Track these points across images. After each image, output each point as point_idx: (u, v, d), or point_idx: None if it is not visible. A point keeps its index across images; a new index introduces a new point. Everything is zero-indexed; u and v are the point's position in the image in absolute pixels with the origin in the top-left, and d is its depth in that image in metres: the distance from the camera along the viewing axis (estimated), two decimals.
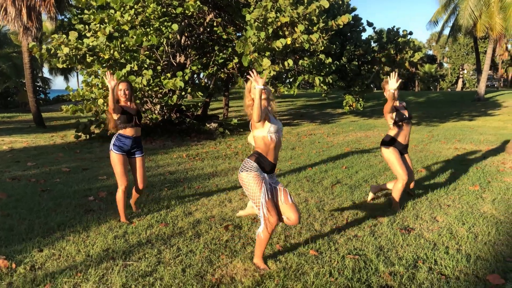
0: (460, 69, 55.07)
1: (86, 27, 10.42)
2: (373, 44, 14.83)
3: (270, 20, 9.20)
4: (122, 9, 9.81)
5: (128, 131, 4.09)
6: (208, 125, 11.99)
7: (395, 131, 4.41)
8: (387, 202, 4.67)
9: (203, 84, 13.43)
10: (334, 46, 12.04)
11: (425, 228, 3.81)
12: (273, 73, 9.49)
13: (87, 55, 9.57)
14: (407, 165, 4.47)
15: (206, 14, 11.30)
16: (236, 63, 11.80)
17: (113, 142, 4.07)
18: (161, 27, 10.07)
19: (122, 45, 9.65)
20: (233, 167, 6.88)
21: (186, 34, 11.80)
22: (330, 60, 11.01)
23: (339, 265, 3.04)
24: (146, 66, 10.07)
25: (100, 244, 3.49)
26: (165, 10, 10.00)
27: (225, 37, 11.40)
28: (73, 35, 9.61)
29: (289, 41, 9.33)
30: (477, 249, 3.32)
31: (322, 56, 10.92)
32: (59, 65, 9.65)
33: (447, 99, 24.99)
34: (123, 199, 4.09)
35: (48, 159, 7.94)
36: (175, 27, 9.73)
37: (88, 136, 10.90)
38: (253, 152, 2.99)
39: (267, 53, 9.52)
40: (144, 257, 3.23)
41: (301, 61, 10.81)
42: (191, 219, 4.16)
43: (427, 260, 3.13)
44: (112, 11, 10.13)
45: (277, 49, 9.38)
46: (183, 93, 11.05)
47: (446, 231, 3.72)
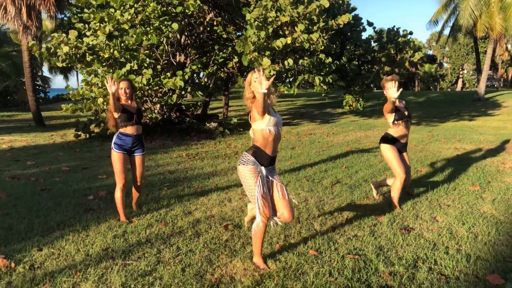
0: (460, 69, 55.09)
1: (86, 26, 10.42)
2: (373, 44, 14.83)
3: (270, 19, 9.20)
4: (122, 8, 9.81)
5: (129, 130, 4.10)
6: (208, 125, 11.99)
7: (394, 130, 4.44)
8: (387, 202, 4.67)
9: (203, 84, 13.43)
10: (334, 45, 12.04)
11: (425, 228, 3.81)
12: (273, 72, 9.48)
13: (87, 54, 9.57)
14: (405, 163, 4.49)
15: (206, 13, 11.30)
16: (236, 62, 11.80)
17: (114, 140, 4.09)
18: (161, 26, 10.06)
19: (122, 44, 9.64)
20: (232, 167, 6.88)
21: (186, 33, 11.79)
22: (330, 59, 11.00)
23: (339, 265, 3.04)
24: (146, 65, 10.07)
25: (99, 243, 3.48)
26: (165, 9, 10.00)
27: (225, 36, 11.39)
28: (73, 34, 9.60)
29: (289, 40, 9.32)
30: (477, 249, 3.32)
31: (322, 56, 10.92)
32: (59, 64, 9.64)
33: (447, 99, 24.99)
34: (122, 197, 4.09)
35: (48, 158, 7.94)
36: (175, 26, 9.73)
37: (87, 135, 10.89)
38: (251, 146, 3.03)
39: (267, 53, 9.52)
40: (143, 256, 3.23)
41: (301, 61, 10.81)
42: (190, 218, 4.15)
43: (427, 260, 3.13)
44: (112, 10, 10.13)
45: (277, 48, 9.38)
46: (183, 92, 11.05)
47: (446, 231, 3.71)
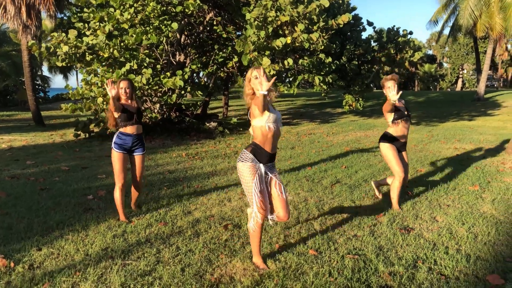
0: (460, 69, 55.10)
1: (86, 25, 10.41)
2: (373, 44, 14.84)
3: (270, 19, 9.19)
4: (122, 7, 9.80)
5: (129, 129, 4.11)
6: (208, 124, 11.98)
7: (393, 129, 4.46)
8: (386, 201, 4.66)
9: (202, 83, 13.43)
10: (334, 45, 12.04)
11: (425, 228, 3.81)
12: (272, 72, 9.48)
13: (86, 53, 9.57)
14: (404, 162, 4.51)
15: (206, 13, 11.29)
16: (235, 62, 11.79)
17: (114, 140, 4.10)
18: (160, 25, 10.06)
19: (122, 44, 9.64)
20: (232, 166, 6.88)
21: (186, 33, 11.78)
22: (330, 59, 11.00)
23: (338, 265, 3.04)
24: (145, 64, 10.06)
25: (99, 243, 3.48)
26: (164, 8, 9.99)
27: (225, 36, 11.39)
28: (72, 33, 9.59)
29: (289, 40, 9.32)
30: (476, 249, 3.31)
31: (322, 56, 10.91)
32: (58, 64, 9.64)
33: (447, 99, 24.99)
34: (121, 197, 4.09)
35: (47, 157, 7.93)
36: (174, 25, 9.72)
37: (87, 135, 10.88)
38: (250, 143, 3.04)
39: (267, 52, 9.51)
40: (143, 256, 3.23)
41: (301, 60, 10.80)
42: (190, 218, 4.15)
43: (426, 260, 3.13)
44: (111, 9, 10.12)
45: (277, 48, 9.37)
46: (182, 92, 11.04)
47: (445, 231, 3.71)
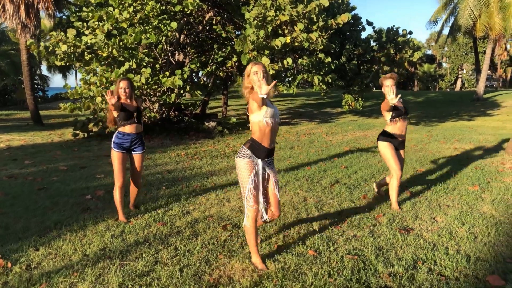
0: (459, 69, 55.11)
1: (85, 24, 10.38)
2: (373, 43, 14.83)
3: (269, 18, 9.17)
4: (121, 6, 9.78)
5: (127, 128, 4.10)
6: (207, 124, 11.96)
7: (391, 127, 4.48)
8: (386, 202, 4.65)
9: (202, 83, 13.41)
10: (334, 45, 12.03)
11: (425, 229, 3.79)
12: (272, 71, 9.45)
13: (85, 52, 9.54)
14: (401, 159, 4.55)
15: (205, 12, 11.27)
16: (235, 61, 11.77)
17: (113, 139, 4.11)
18: (160, 25, 10.03)
19: (121, 43, 9.61)
20: (231, 166, 6.85)
21: (185, 32, 11.76)
22: (329, 59, 10.98)
23: (338, 266, 3.02)
24: (144, 64, 10.04)
25: (97, 243, 3.46)
26: (164, 8, 9.96)
27: (224, 36, 11.36)
28: (71, 32, 9.56)
29: (288, 39, 9.30)
30: (477, 249, 3.30)
31: (322, 55, 10.89)
32: (57, 63, 9.61)
33: (446, 99, 24.99)
34: (120, 197, 4.08)
35: (46, 157, 7.90)
36: (174, 25, 9.69)
37: (86, 134, 10.86)
38: (248, 139, 3.05)
39: (266, 52, 9.49)
40: (141, 256, 3.21)
41: (300, 60, 10.78)
42: (189, 218, 4.13)
43: (426, 260, 3.11)
44: (110, 8, 10.09)
45: (276, 47, 9.35)
46: (181, 91, 11.02)
47: (445, 231, 3.69)
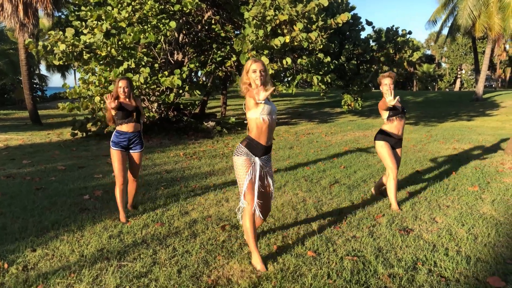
0: (458, 69, 55.15)
1: (83, 24, 10.34)
2: (372, 43, 14.83)
3: (268, 18, 9.14)
4: (120, 6, 9.74)
5: (125, 127, 4.11)
6: (206, 124, 11.93)
7: (388, 125, 4.50)
8: (385, 202, 4.63)
9: (201, 82, 13.39)
10: (333, 45, 12.02)
11: (424, 229, 3.77)
12: (271, 71, 9.43)
13: (84, 52, 9.51)
14: (398, 158, 4.57)
15: (204, 11, 11.24)
16: (234, 61, 11.75)
17: (112, 138, 4.12)
18: (158, 24, 10.00)
19: (119, 42, 9.58)
20: (230, 166, 6.83)
21: (184, 32, 11.73)
22: (328, 59, 10.97)
23: (337, 267, 3.00)
24: (143, 63, 10.01)
25: (94, 244, 3.43)
26: (162, 7, 9.94)
27: (223, 35, 11.34)
28: (69, 31, 9.52)
29: (287, 39, 9.27)
30: (477, 250, 3.28)
31: (321, 55, 10.88)
32: (56, 62, 9.57)
33: (445, 99, 25.00)
34: (121, 196, 4.07)
35: (44, 157, 7.87)
36: (173, 24, 9.66)
37: (84, 134, 10.83)
38: (245, 137, 3.06)
39: (266, 51, 9.47)
40: (139, 257, 3.18)
41: (299, 60, 10.76)
42: (187, 218, 4.11)
43: (426, 261, 3.09)
44: (109, 8, 10.06)
45: (275, 47, 9.33)
46: (180, 91, 10.99)
47: (445, 232, 3.67)
